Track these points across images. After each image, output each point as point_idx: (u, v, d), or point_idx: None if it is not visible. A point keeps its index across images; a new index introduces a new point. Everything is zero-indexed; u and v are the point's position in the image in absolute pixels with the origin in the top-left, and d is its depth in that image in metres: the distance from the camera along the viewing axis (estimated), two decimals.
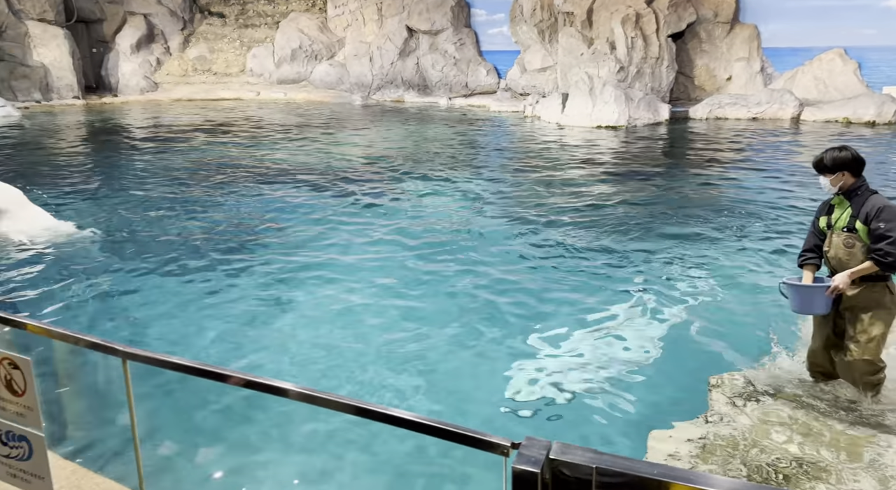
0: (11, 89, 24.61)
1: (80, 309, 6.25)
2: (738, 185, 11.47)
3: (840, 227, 3.96)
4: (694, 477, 1.29)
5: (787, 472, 3.52)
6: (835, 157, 3.95)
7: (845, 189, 3.96)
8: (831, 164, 3.95)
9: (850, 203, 3.95)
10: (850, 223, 3.90)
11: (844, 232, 3.92)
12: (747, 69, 21.76)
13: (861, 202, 3.89)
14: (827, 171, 3.98)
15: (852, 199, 3.94)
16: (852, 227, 3.89)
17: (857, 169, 3.95)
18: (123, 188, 11.39)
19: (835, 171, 3.95)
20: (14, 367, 2.07)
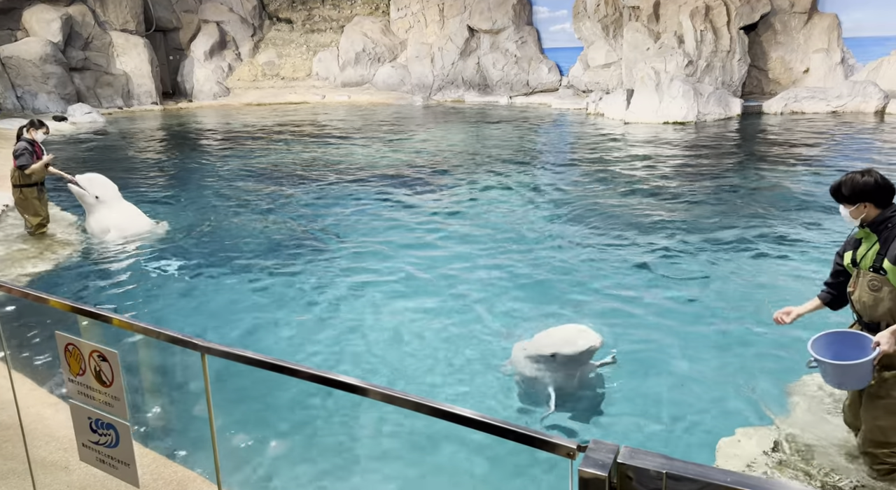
0: (97, 96, 26.13)
1: (161, 302, 6.58)
2: (813, 183, 10.91)
3: (866, 266, 3.28)
4: (770, 486, 1.25)
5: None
6: (855, 183, 3.25)
7: (869, 221, 3.28)
8: (850, 193, 3.26)
9: (878, 238, 3.25)
10: (877, 262, 3.21)
11: (870, 272, 3.25)
12: (826, 61, 20.67)
13: (891, 237, 3.20)
14: (845, 200, 3.30)
15: (880, 233, 3.24)
16: (879, 267, 3.20)
17: (883, 198, 3.24)
18: (201, 188, 11.91)
19: (854, 201, 3.26)
20: (103, 358, 2.21)
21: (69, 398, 2.32)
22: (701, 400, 4.49)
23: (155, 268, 7.61)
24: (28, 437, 3.42)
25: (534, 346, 4.52)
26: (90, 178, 8.73)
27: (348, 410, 4.41)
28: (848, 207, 3.30)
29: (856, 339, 3.18)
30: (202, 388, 2.12)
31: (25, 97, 24.14)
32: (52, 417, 3.96)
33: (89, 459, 2.35)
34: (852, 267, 3.37)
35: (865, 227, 3.29)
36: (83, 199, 8.67)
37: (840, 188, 3.31)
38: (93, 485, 3.27)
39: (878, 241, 3.24)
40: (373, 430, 4.25)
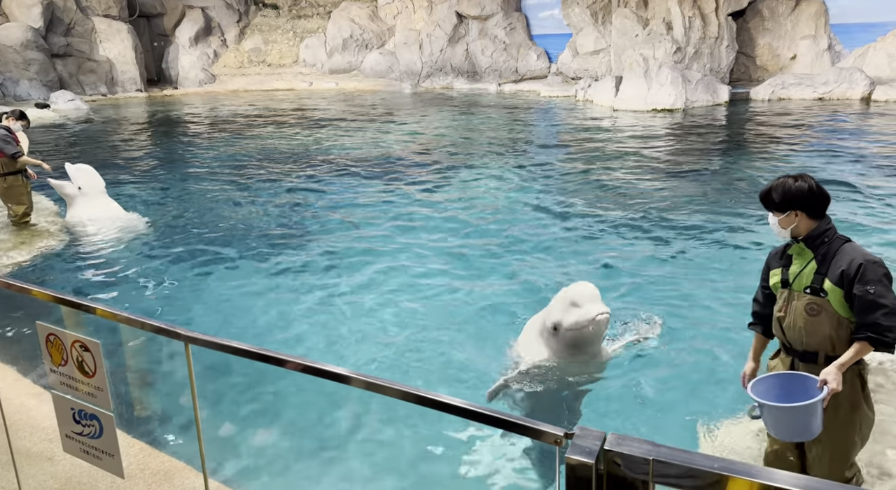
0: (80, 83, 25.74)
1: (145, 292, 6.52)
2: (796, 169, 10.98)
3: (801, 287, 2.85)
4: (756, 471, 1.25)
5: None
6: (787, 188, 2.86)
7: (803, 235, 2.87)
8: (780, 199, 2.86)
9: (815, 254, 2.85)
10: (816, 282, 2.81)
11: (807, 295, 2.83)
12: (813, 47, 20.75)
13: (830, 254, 2.80)
14: (775, 207, 2.89)
15: (817, 249, 2.84)
16: (818, 289, 2.79)
17: (816, 207, 2.84)
18: (186, 177, 11.79)
19: (785, 208, 2.86)
20: (85, 349, 2.18)
21: (52, 389, 2.29)
22: (687, 385, 4.52)
23: (139, 258, 7.53)
24: (11, 428, 3.38)
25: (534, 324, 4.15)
26: (79, 167, 8.58)
27: (338, 398, 4.40)
28: (777, 215, 2.89)
29: (800, 381, 2.74)
30: (186, 378, 2.09)
31: (7, 84, 23.73)
32: (35, 408, 3.92)
33: (73, 451, 2.32)
34: (780, 288, 2.95)
35: (800, 241, 2.87)
36: (63, 190, 8.51)
37: (770, 193, 2.91)
38: (78, 476, 3.24)
39: (814, 258, 2.84)
40: (360, 417, 4.24)
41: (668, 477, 1.22)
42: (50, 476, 3.27)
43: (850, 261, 2.72)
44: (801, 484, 1.19)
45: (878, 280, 2.67)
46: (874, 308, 2.65)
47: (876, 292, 2.65)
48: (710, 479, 1.20)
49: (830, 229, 2.85)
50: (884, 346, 2.67)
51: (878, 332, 2.65)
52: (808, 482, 1.19)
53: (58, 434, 2.32)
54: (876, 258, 2.74)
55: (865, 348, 2.69)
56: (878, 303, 2.65)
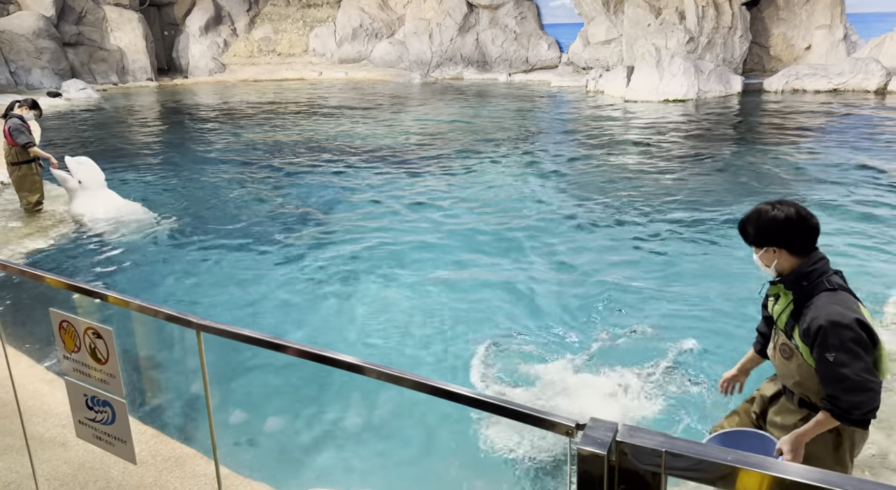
0: (91, 72, 25.83)
1: (154, 282, 6.56)
2: (807, 162, 10.86)
3: (781, 325, 2.54)
4: (769, 464, 1.24)
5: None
6: (761, 219, 2.43)
7: (784, 273, 2.48)
8: (755, 232, 2.46)
9: (793, 296, 2.47)
10: (789, 327, 2.48)
11: (783, 334, 2.53)
12: (829, 37, 20.47)
13: (806, 302, 2.41)
14: (751, 241, 2.51)
15: (795, 291, 2.45)
16: (790, 335, 2.48)
17: (798, 243, 2.42)
18: (196, 166, 11.82)
19: (762, 243, 2.46)
20: (97, 336, 2.19)
21: (65, 375, 2.31)
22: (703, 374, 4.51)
23: (149, 247, 7.57)
24: (25, 413, 3.42)
25: None
26: (80, 161, 8.56)
27: (347, 387, 4.42)
28: (756, 251, 2.50)
29: (760, 442, 2.53)
30: (197, 365, 2.10)
31: (19, 72, 23.85)
32: (49, 394, 3.96)
33: (86, 436, 2.34)
34: (771, 319, 2.66)
35: (779, 282, 2.50)
36: (65, 184, 8.54)
37: (745, 225, 2.50)
38: (90, 461, 3.28)
39: (792, 300, 2.47)
40: (372, 406, 4.26)
41: (680, 469, 1.21)
42: (63, 461, 3.31)
43: (813, 319, 2.33)
44: (815, 476, 1.18)
45: (840, 346, 2.27)
46: (833, 380, 2.30)
47: (836, 360, 2.28)
48: (724, 471, 1.19)
49: (814, 271, 2.40)
50: (848, 421, 2.30)
51: (840, 408, 2.29)
52: (822, 475, 1.18)
53: (71, 420, 2.34)
54: (844, 319, 2.28)
55: (830, 420, 2.34)
56: (839, 373, 2.27)
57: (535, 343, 5.08)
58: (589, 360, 4.72)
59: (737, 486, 1.20)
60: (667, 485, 1.24)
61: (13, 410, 3.31)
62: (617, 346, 4.96)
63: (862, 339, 2.28)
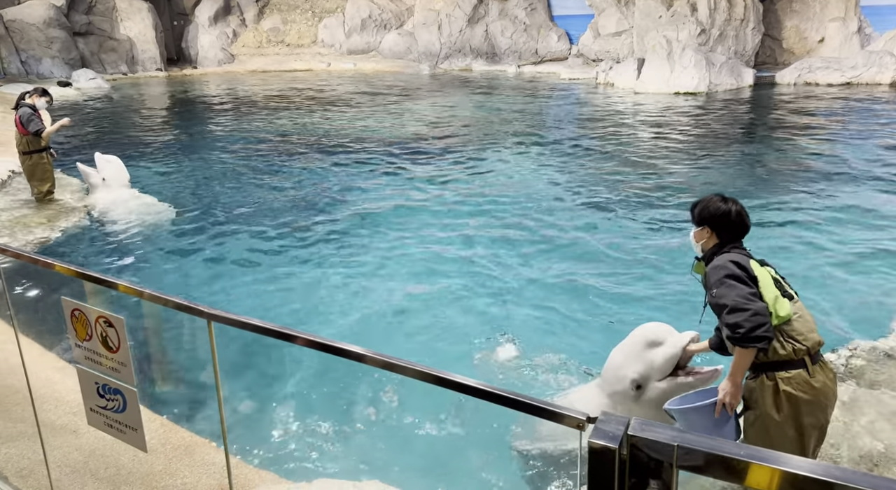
0: (101, 62, 25.89)
1: (164, 270, 6.60)
2: (819, 156, 10.77)
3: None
4: (783, 459, 1.23)
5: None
6: (708, 204, 2.89)
7: (706, 252, 2.90)
8: (699, 212, 2.91)
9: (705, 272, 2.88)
10: (706, 298, 2.85)
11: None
12: (842, 30, 20.23)
13: (710, 274, 2.80)
14: (693, 218, 2.94)
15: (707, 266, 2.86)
16: (706, 303, 2.86)
17: (728, 232, 2.84)
18: (206, 157, 11.85)
19: (700, 222, 2.89)
20: (109, 324, 2.20)
21: (76, 363, 2.32)
22: None
23: (160, 236, 7.61)
24: (37, 401, 3.45)
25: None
26: (109, 159, 8.67)
27: (357, 378, 4.43)
28: (693, 228, 2.94)
29: (712, 394, 2.80)
30: (208, 354, 2.11)
31: (30, 62, 23.95)
32: (60, 382, 4.00)
33: (97, 424, 2.36)
34: None
35: (701, 259, 2.93)
36: (88, 179, 8.63)
37: (695, 206, 2.96)
38: (101, 448, 3.31)
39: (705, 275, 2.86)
40: (382, 397, 4.27)
41: (692, 463, 1.21)
42: (75, 448, 3.34)
43: (704, 274, 2.81)
44: (826, 472, 1.17)
45: (719, 282, 2.66)
46: (719, 310, 2.67)
47: (717, 295, 2.66)
48: (736, 466, 1.18)
49: (721, 253, 2.79)
50: (738, 342, 2.60)
51: (730, 333, 2.61)
52: (832, 470, 1.18)
53: (82, 408, 2.36)
54: (719, 262, 2.72)
55: (745, 355, 2.63)
56: (720, 304, 2.64)
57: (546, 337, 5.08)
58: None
59: (748, 481, 1.19)
60: (678, 479, 1.24)
61: (25, 397, 3.34)
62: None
63: (735, 274, 2.65)
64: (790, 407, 2.67)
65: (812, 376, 2.66)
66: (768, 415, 2.69)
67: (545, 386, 4.35)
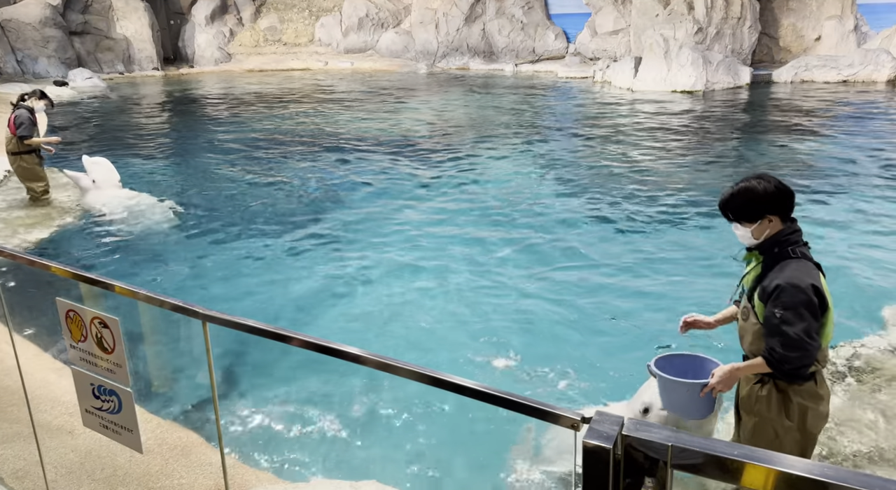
0: (97, 61, 25.82)
1: (160, 271, 6.58)
2: (816, 154, 10.78)
3: (746, 287, 2.69)
4: (777, 459, 1.23)
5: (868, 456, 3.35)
6: (755, 192, 2.53)
7: (768, 240, 2.58)
8: (748, 208, 2.55)
9: (763, 261, 2.60)
10: (752, 289, 2.62)
11: (745, 297, 2.67)
12: (839, 28, 20.25)
13: (772, 266, 2.55)
14: (744, 217, 2.57)
15: (767, 257, 2.59)
16: (751, 296, 2.62)
17: (787, 209, 2.56)
18: (203, 156, 11.83)
19: (757, 216, 2.54)
20: (104, 325, 2.19)
21: (71, 364, 2.32)
22: None
23: (156, 236, 7.59)
24: (33, 401, 3.44)
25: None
26: (96, 161, 8.62)
27: (352, 378, 4.43)
28: (748, 227, 2.57)
29: (701, 365, 2.74)
30: (203, 354, 2.11)
31: (25, 61, 23.87)
32: (56, 382, 3.99)
33: (93, 425, 2.36)
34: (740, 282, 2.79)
35: (755, 248, 2.63)
36: (78, 183, 8.58)
37: (733, 200, 2.58)
38: (97, 449, 3.30)
39: (762, 263, 2.60)
40: (377, 397, 4.27)
41: (686, 463, 1.21)
42: (70, 449, 3.33)
43: (773, 279, 2.49)
44: (820, 472, 1.17)
45: (791, 306, 2.42)
46: (775, 334, 2.46)
47: (782, 318, 2.44)
48: (730, 465, 1.19)
49: (787, 240, 2.54)
50: (777, 371, 2.49)
51: (773, 357, 2.47)
52: (828, 470, 1.18)
53: (78, 408, 2.36)
54: (801, 283, 2.43)
55: (763, 366, 2.52)
56: (780, 329, 2.44)
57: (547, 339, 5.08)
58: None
59: (743, 481, 1.19)
60: (673, 479, 1.24)
61: (21, 398, 3.33)
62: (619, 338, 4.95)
63: (812, 304, 2.43)
64: (800, 417, 2.59)
65: (819, 387, 2.60)
66: (776, 423, 2.60)
67: (547, 391, 4.35)
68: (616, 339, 5.01)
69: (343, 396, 4.32)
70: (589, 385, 4.38)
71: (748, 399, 2.67)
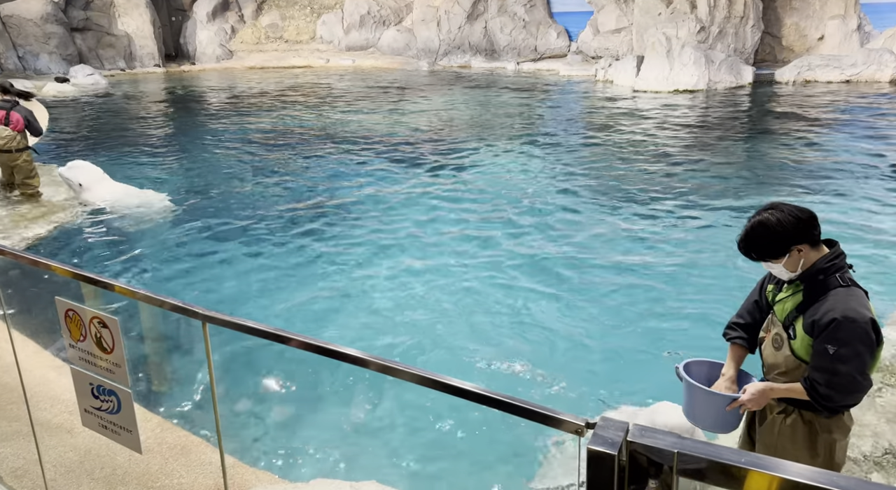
0: (98, 57, 25.79)
1: (159, 268, 6.57)
2: (823, 153, 10.75)
3: (781, 314, 2.45)
4: (784, 467, 1.21)
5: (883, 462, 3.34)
6: (772, 230, 2.33)
7: (809, 269, 2.37)
8: (772, 245, 2.35)
9: (804, 289, 2.39)
10: (791, 318, 2.40)
11: (780, 325, 2.45)
12: (842, 27, 20.19)
13: (818, 295, 2.34)
14: (770, 255, 2.38)
15: (808, 285, 2.37)
16: (790, 325, 2.40)
17: (814, 235, 2.34)
18: (203, 154, 11.81)
19: (784, 251, 2.34)
20: (103, 325, 2.18)
21: (70, 364, 2.30)
22: None
23: (155, 233, 7.58)
24: (32, 399, 3.43)
25: None
26: (75, 165, 8.57)
27: (353, 379, 4.42)
28: (778, 262, 2.37)
29: (738, 377, 2.59)
30: (202, 354, 2.09)
31: (27, 57, 23.85)
32: (55, 381, 3.98)
33: (92, 425, 2.34)
34: (772, 306, 2.54)
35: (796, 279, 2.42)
36: (70, 185, 8.56)
37: (754, 245, 2.38)
38: (97, 448, 3.29)
39: (803, 291, 2.39)
40: (377, 398, 4.26)
41: (692, 470, 1.19)
42: (70, 448, 3.32)
43: (827, 312, 2.27)
44: (830, 480, 1.15)
45: (847, 342, 2.23)
46: (824, 370, 2.27)
47: (835, 354, 2.25)
48: (736, 473, 1.17)
49: (833, 266, 2.33)
50: (816, 402, 2.31)
51: (815, 391, 2.29)
52: (833, 477, 1.16)
53: (77, 407, 2.34)
54: (860, 317, 2.24)
55: (802, 394, 2.34)
56: (833, 367, 2.25)
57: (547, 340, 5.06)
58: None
59: (748, 488, 1.18)
60: (678, 486, 1.22)
61: (19, 396, 3.32)
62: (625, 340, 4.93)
63: (871, 339, 2.25)
64: (827, 452, 2.42)
65: (847, 418, 2.43)
66: (801, 458, 2.39)
67: (547, 393, 4.34)
68: (624, 342, 4.99)
69: (344, 395, 4.30)
70: (589, 390, 4.36)
71: (769, 430, 2.48)
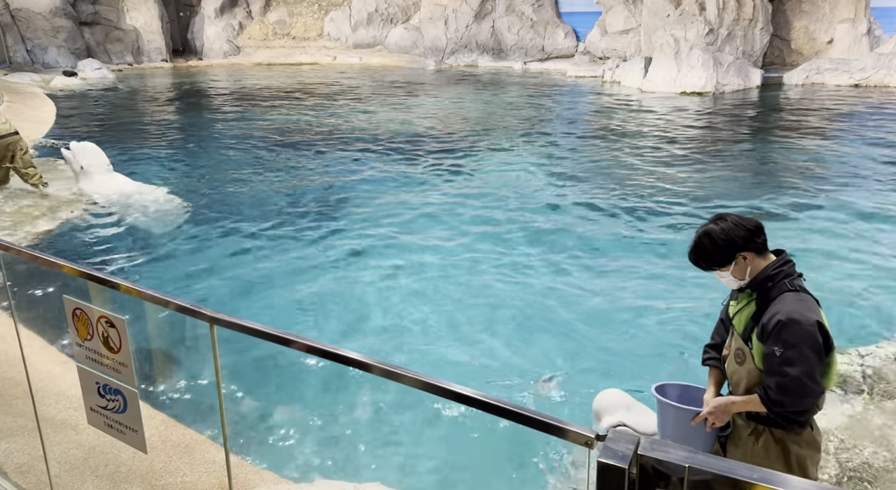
0: (106, 52, 25.84)
1: (165, 266, 6.58)
2: (831, 157, 10.70)
3: (739, 327, 2.49)
4: (794, 483, 1.20)
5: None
6: (716, 238, 2.40)
7: (754, 277, 2.42)
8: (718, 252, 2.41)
9: (757, 298, 2.43)
10: (748, 330, 2.43)
11: (740, 339, 2.47)
12: (852, 31, 20.09)
13: (768, 302, 2.37)
14: (717, 262, 2.43)
15: (760, 294, 2.42)
16: (748, 338, 2.42)
17: (757, 243, 2.40)
18: (209, 150, 11.83)
19: (729, 259, 2.41)
20: (111, 325, 2.18)
21: (77, 362, 2.30)
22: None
23: (160, 230, 7.59)
24: (38, 395, 3.44)
25: None
26: (82, 147, 8.59)
27: (359, 381, 4.41)
28: (726, 269, 2.42)
29: (695, 393, 2.62)
30: (208, 352, 2.09)
31: (35, 51, 23.90)
32: (61, 377, 3.99)
33: (97, 424, 2.34)
34: (729, 322, 2.56)
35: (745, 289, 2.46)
36: (71, 166, 8.58)
37: (701, 250, 2.43)
38: (101, 445, 3.30)
39: (755, 300, 2.42)
40: (382, 401, 4.25)
41: (703, 484, 1.18)
42: (75, 445, 3.32)
43: (774, 315, 2.30)
44: None
45: (793, 344, 2.24)
46: (774, 373, 2.28)
47: (782, 357, 2.26)
48: (747, 488, 1.16)
49: (780, 272, 2.37)
50: (770, 411, 2.32)
51: (767, 398, 2.30)
52: None
53: (83, 403, 2.34)
54: (804, 319, 2.25)
55: (759, 405, 2.34)
56: (781, 370, 2.26)
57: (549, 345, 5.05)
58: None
59: None
60: None
61: (25, 391, 3.33)
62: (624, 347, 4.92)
63: (817, 343, 2.26)
64: (800, 470, 2.40)
65: (815, 432, 2.42)
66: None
67: (549, 394, 4.33)
68: (627, 343, 4.97)
69: (349, 397, 4.30)
70: (589, 390, 4.35)
71: (742, 453, 2.45)
